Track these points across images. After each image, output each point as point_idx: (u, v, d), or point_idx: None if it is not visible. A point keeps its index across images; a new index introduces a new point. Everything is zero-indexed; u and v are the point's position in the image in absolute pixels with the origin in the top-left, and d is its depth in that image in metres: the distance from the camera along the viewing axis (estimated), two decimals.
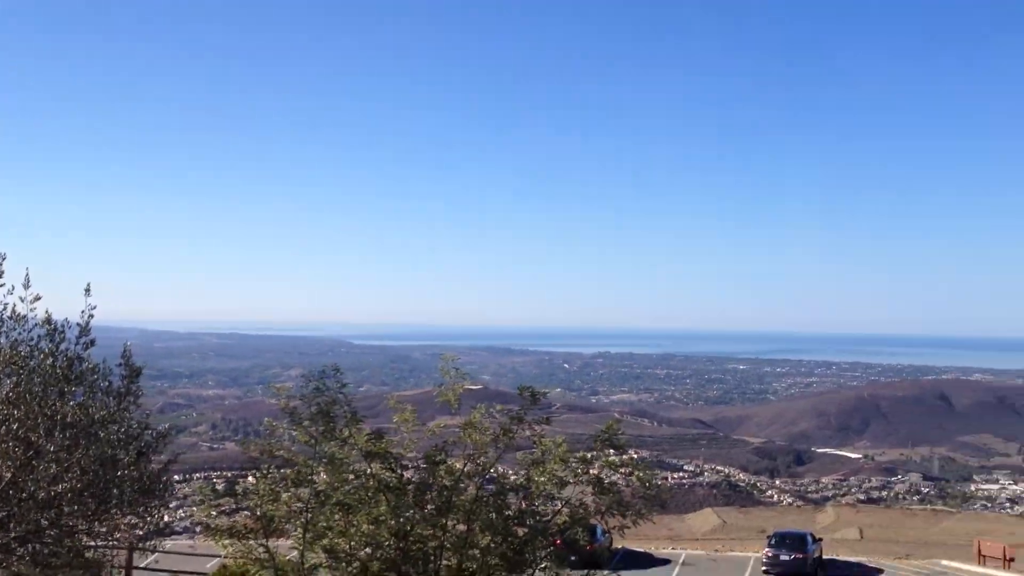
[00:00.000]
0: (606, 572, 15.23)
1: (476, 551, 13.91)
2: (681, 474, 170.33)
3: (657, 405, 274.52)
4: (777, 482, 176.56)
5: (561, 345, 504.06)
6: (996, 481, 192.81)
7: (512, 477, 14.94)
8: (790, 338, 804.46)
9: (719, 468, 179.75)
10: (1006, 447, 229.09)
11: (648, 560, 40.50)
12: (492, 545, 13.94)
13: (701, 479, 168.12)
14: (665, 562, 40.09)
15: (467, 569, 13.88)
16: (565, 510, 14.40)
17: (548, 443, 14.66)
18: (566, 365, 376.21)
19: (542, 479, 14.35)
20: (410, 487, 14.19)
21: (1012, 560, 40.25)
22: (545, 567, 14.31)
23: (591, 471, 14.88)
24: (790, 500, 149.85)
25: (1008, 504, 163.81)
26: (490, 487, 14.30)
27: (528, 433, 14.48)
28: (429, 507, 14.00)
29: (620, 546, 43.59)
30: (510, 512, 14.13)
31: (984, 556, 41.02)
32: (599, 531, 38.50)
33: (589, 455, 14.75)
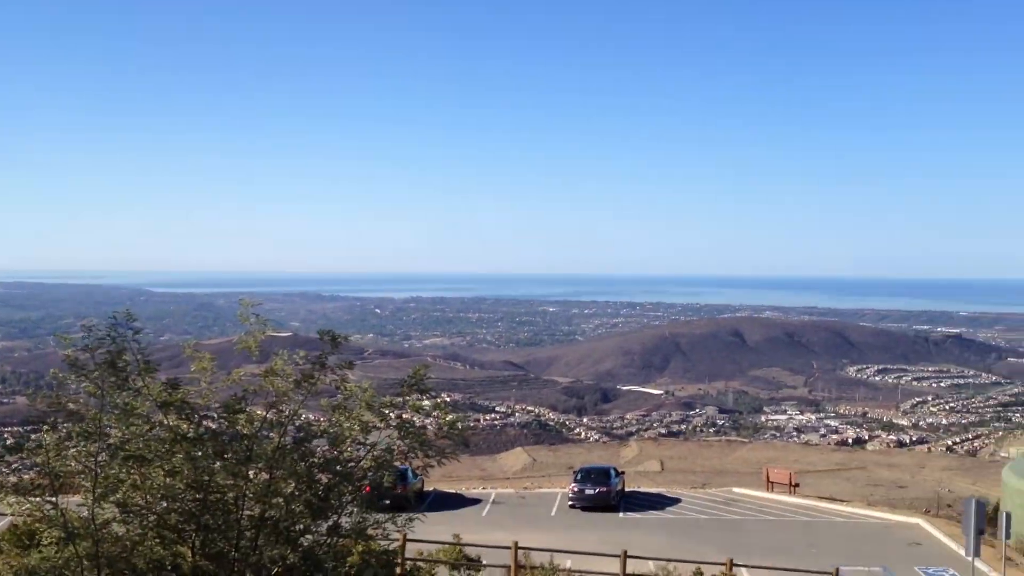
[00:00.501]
0: (417, 514, 15.05)
1: (280, 499, 13.55)
2: (493, 415, 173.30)
3: (469, 348, 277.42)
4: (585, 420, 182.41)
5: (372, 291, 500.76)
6: (784, 412, 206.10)
7: (317, 424, 14.58)
8: (598, 280, 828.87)
9: (530, 408, 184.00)
10: (793, 380, 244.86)
11: (459, 500, 41.02)
12: (296, 493, 13.62)
13: (513, 420, 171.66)
14: (476, 502, 40.70)
15: (271, 518, 13.52)
16: (370, 455, 14.20)
17: (354, 388, 14.39)
18: (378, 311, 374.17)
19: (347, 425, 14.09)
20: (208, 437, 13.63)
21: (797, 485, 43.14)
22: (351, 512, 14.11)
23: (402, 415, 14.73)
24: (597, 437, 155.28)
25: (795, 433, 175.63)
26: (294, 435, 13.92)
27: (331, 379, 14.14)
28: (229, 457, 13.50)
29: (432, 488, 43.99)
30: (314, 459, 13.82)
31: (772, 483, 43.77)
32: (410, 474, 38.75)
33: (395, 399, 14.56)
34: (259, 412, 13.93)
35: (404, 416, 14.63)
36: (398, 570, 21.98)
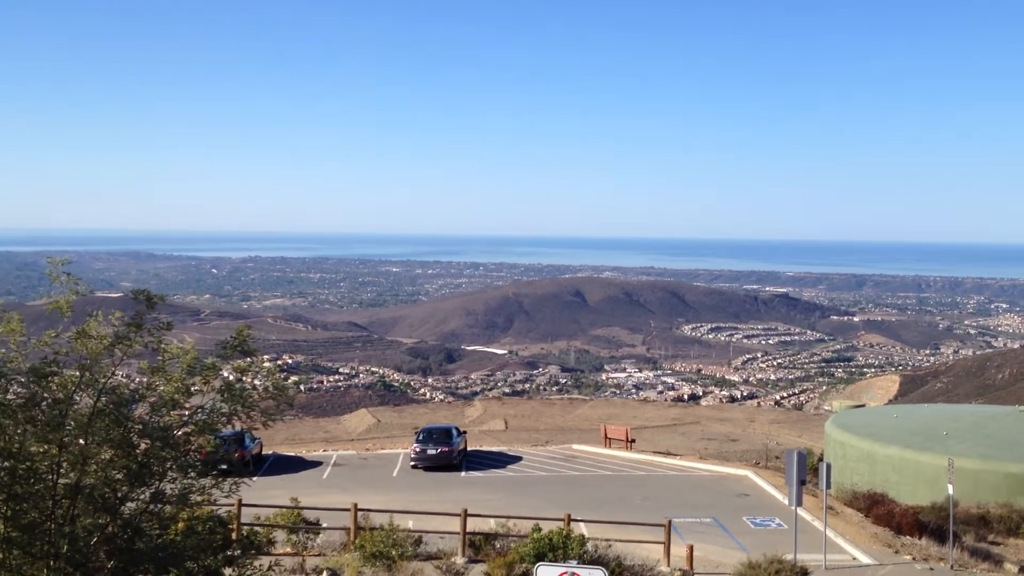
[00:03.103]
0: (244, 479, 14.44)
1: (95, 466, 12.72)
2: (337, 377, 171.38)
3: (311, 309, 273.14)
4: (430, 380, 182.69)
5: (208, 250, 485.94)
6: (624, 370, 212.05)
7: (136, 387, 13.73)
8: (441, 240, 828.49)
9: (374, 369, 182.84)
10: (632, 338, 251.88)
11: (299, 463, 40.21)
12: (115, 458, 12.83)
13: (357, 381, 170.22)
14: (317, 464, 39.97)
15: (87, 486, 12.70)
16: (193, 419, 13.51)
17: (175, 350, 13.63)
18: (214, 270, 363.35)
19: (165, 388, 13.34)
20: (17, 404, 12.66)
21: (633, 441, 44.21)
22: (175, 479, 13.42)
23: (228, 377, 14.08)
24: (442, 397, 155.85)
25: (634, 390, 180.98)
26: (109, 399, 13.05)
27: (147, 340, 13.32)
28: (40, 423, 12.58)
29: (272, 452, 42.98)
30: (131, 424, 13.01)
31: (610, 439, 44.72)
32: (247, 438, 37.68)
33: (218, 362, 13.87)
34: (71, 375, 13.02)
35: (229, 378, 14.01)
36: (233, 535, 21.25)
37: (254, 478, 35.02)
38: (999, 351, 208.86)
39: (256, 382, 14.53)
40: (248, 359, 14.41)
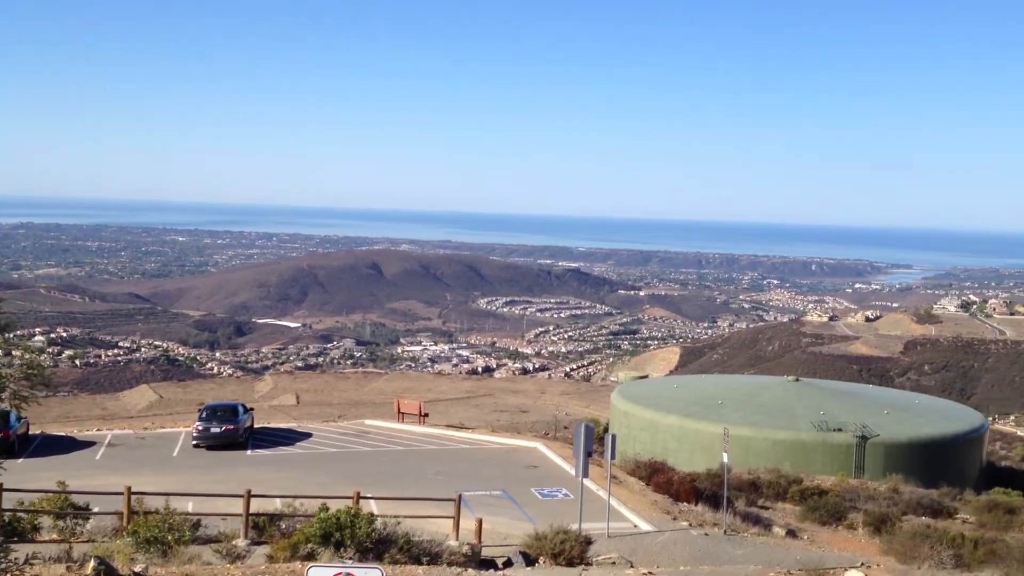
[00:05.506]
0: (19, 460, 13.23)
1: None
2: (116, 351, 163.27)
3: (89, 279, 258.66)
4: (218, 354, 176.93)
5: None
6: (420, 343, 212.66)
7: None
8: (232, 210, 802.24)
9: (157, 343, 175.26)
10: (428, 311, 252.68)
11: (71, 444, 37.72)
12: None
13: (138, 355, 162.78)
14: (90, 444, 37.61)
15: None
16: None
17: None
18: None
19: None
20: None
21: (426, 415, 44.15)
22: None
23: None
24: (231, 371, 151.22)
25: (429, 363, 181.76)
26: None
27: None
28: None
29: (39, 431, 40.18)
30: None
31: (403, 413, 44.47)
32: (12, 417, 35.01)
33: None
34: None
35: None
36: None
37: (19, 460, 32.65)
38: (770, 324, 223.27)
39: (16, 360, 13.28)
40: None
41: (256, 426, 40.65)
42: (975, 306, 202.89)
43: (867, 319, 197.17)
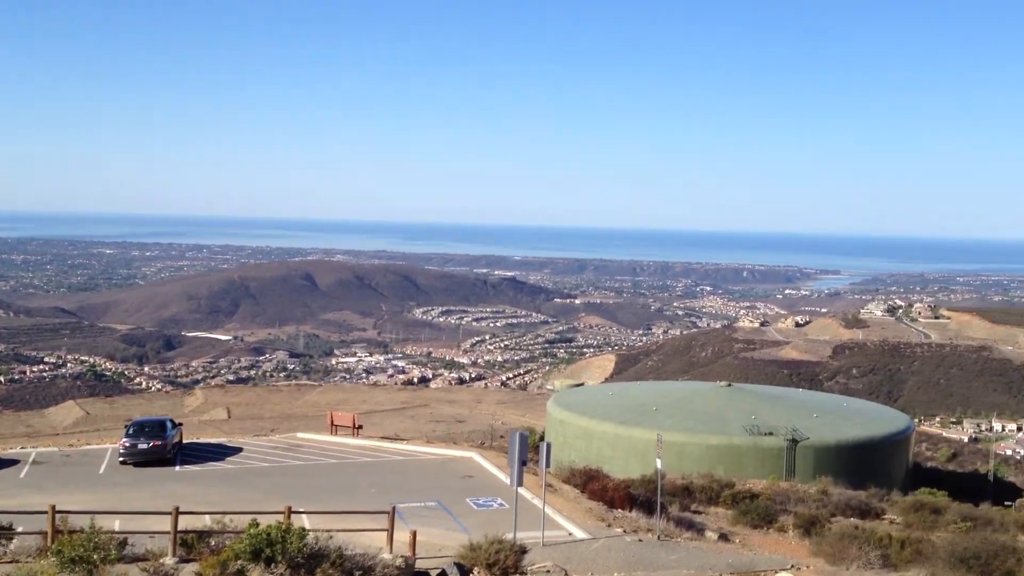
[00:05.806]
0: None
1: None
2: (41, 367, 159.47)
3: (13, 294, 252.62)
4: (146, 369, 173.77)
5: None
6: (354, 354, 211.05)
7: None
8: (162, 221, 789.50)
9: (84, 358, 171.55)
10: (363, 322, 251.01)
11: None
12: None
13: (64, 371, 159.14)
14: (13, 463, 36.55)
15: None
16: None
17: None
18: None
19: None
20: None
21: (360, 427, 43.74)
22: None
23: None
24: (160, 386, 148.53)
25: (364, 374, 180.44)
26: None
27: None
28: None
29: None
30: None
31: (336, 426, 43.99)
32: None
33: None
34: None
35: None
36: None
37: None
38: (703, 331, 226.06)
39: None
40: None
41: (185, 441, 39.91)
42: (901, 310, 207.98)
43: (797, 324, 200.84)
